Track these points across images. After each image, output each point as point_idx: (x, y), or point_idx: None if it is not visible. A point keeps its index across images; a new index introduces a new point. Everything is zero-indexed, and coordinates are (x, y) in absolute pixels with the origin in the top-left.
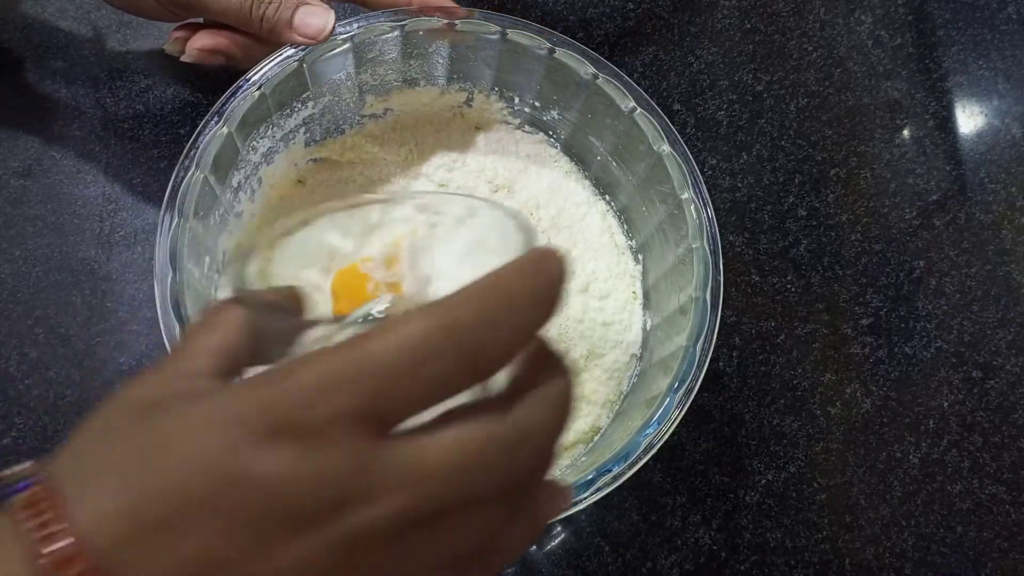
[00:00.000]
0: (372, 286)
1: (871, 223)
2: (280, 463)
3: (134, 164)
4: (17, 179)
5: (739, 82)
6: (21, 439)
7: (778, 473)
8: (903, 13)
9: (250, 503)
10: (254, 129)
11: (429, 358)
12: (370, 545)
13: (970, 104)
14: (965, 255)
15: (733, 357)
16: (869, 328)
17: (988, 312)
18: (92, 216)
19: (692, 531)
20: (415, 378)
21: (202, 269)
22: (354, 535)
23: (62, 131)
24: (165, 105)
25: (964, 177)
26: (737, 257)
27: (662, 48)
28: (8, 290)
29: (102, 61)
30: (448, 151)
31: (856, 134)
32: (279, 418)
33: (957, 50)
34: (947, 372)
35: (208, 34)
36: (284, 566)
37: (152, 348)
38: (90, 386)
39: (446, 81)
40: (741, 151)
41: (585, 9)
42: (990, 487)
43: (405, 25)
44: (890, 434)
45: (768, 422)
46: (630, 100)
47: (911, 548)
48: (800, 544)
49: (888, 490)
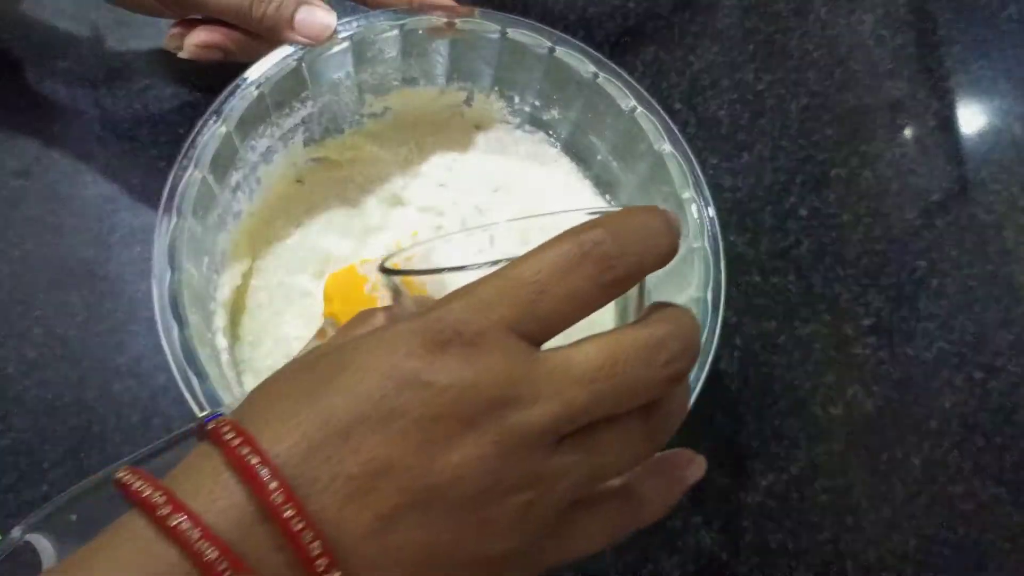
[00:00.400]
0: (369, 287)
1: (873, 223)
2: (448, 368)
3: (133, 164)
4: (16, 179)
5: (740, 81)
6: (20, 439)
7: (779, 474)
8: (904, 13)
9: (422, 405)
10: (253, 128)
11: (570, 272)
12: (528, 446)
13: (972, 104)
14: (967, 255)
15: (734, 358)
16: (871, 328)
17: (990, 312)
18: (91, 216)
19: (693, 532)
20: (559, 290)
21: (200, 269)
22: (514, 434)
23: (60, 131)
24: (164, 104)
25: (966, 177)
26: (738, 257)
27: (663, 47)
28: (6, 290)
29: (100, 61)
30: (448, 150)
31: (857, 134)
32: (445, 332)
33: (959, 50)
34: (949, 373)
35: (206, 30)
36: (454, 463)
37: (151, 348)
38: (89, 386)
39: (446, 80)
40: (742, 151)
41: (585, 8)
42: (992, 488)
43: (405, 24)
44: (892, 435)
45: (769, 423)
46: (631, 99)
47: (913, 549)
48: (802, 545)
49: (890, 491)
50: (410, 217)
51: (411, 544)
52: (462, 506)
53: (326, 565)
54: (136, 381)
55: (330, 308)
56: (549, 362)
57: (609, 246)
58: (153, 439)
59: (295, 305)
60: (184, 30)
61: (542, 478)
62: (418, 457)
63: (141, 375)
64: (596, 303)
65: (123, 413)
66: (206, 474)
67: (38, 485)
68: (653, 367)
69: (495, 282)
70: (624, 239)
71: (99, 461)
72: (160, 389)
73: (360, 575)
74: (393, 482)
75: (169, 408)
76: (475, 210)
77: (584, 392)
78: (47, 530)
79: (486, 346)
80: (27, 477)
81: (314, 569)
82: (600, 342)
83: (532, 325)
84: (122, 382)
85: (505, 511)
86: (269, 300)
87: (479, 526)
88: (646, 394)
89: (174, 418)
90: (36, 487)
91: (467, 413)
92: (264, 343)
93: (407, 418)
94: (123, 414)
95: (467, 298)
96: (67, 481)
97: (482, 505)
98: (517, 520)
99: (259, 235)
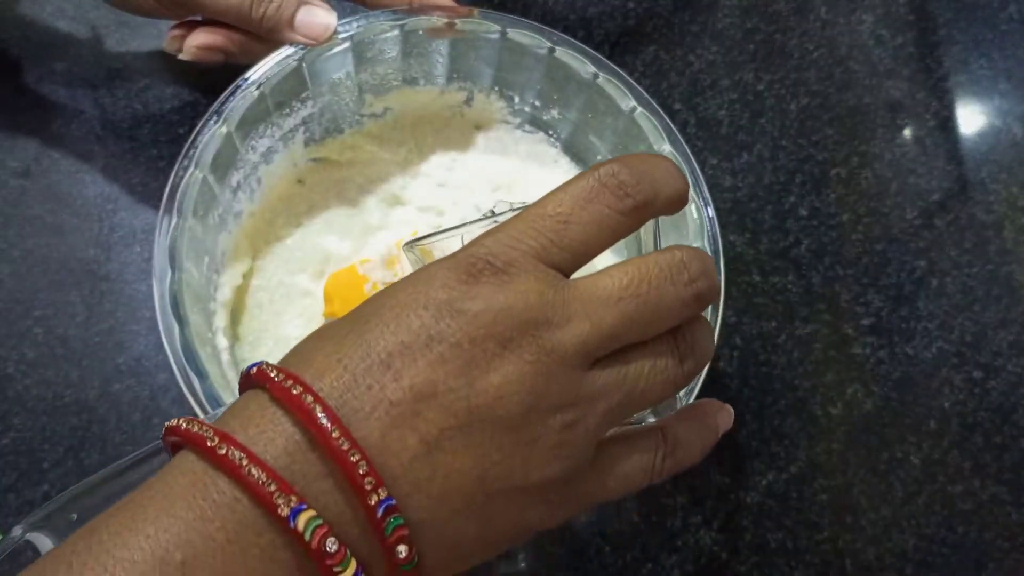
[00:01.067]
0: (369, 287)
1: (872, 223)
2: (482, 295)
3: (133, 164)
4: (16, 179)
5: (740, 81)
6: (20, 439)
7: (779, 474)
8: (904, 12)
9: (460, 330)
10: (253, 128)
11: (590, 201)
12: (564, 365)
13: (971, 104)
14: (967, 255)
15: (734, 357)
16: (870, 328)
17: (990, 312)
18: (91, 216)
19: (693, 532)
20: (582, 218)
21: (201, 269)
22: (550, 352)
23: (61, 131)
24: (164, 105)
25: (965, 177)
26: (738, 257)
27: (663, 47)
28: (6, 290)
29: (100, 61)
30: (448, 150)
31: (857, 133)
32: (478, 263)
33: (958, 50)
34: (948, 372)
35: (206, 31)
36: (496, 383)
37: (151, 348)
38: (89, 386)
39: (446, 80)
40: (742, 150)
41: (585, 8)
42: (991, 488)
43: (405, 24)
44: (891, 434)
45: (769, 423)
46: (630, 99)
47: (912, 549)
48: (801, 545)
49: (889, 491)
50: (410, 217)
51: (458, 467)
52: (506, 426)
53: (373, 485)
54: (136, 381)
55: (330, 308)
56: (578, 287)
57: (626, 176)
58: (153, 439)
59: (295, 305)
60: (184, 32)
61: (580, 398)
62: (459, 380)
63: (141, 375)
64: (618, 231)
65: (123, 413)
66: (253, 410)
67: (38, 485)
68: (677, 285)
69: (522, 218)
70: (639, 172)
71: (99, 461)
72: (160, 389)
73: (408, 499)
74: (436, 406)
75: (169, 408)
76: (475, 210)
77: (613, 312)
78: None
79: (517, 273)
80: (27, 477)
81: (362, 489)
82: (625, 266)
83: (559, 254)
84: (122, 382)
85: (547, 431)
86: (269, 300)
87: (524, 447)
88: (671, 315)
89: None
90: (36, 487)
91: (503, 335)
92: (264, 343)
93: (445, 343)
94: (123, 414)
95: (496, 234)
96: (67, 481)
97: (525, 425)
98: (559, 443)
99: (259, 235)
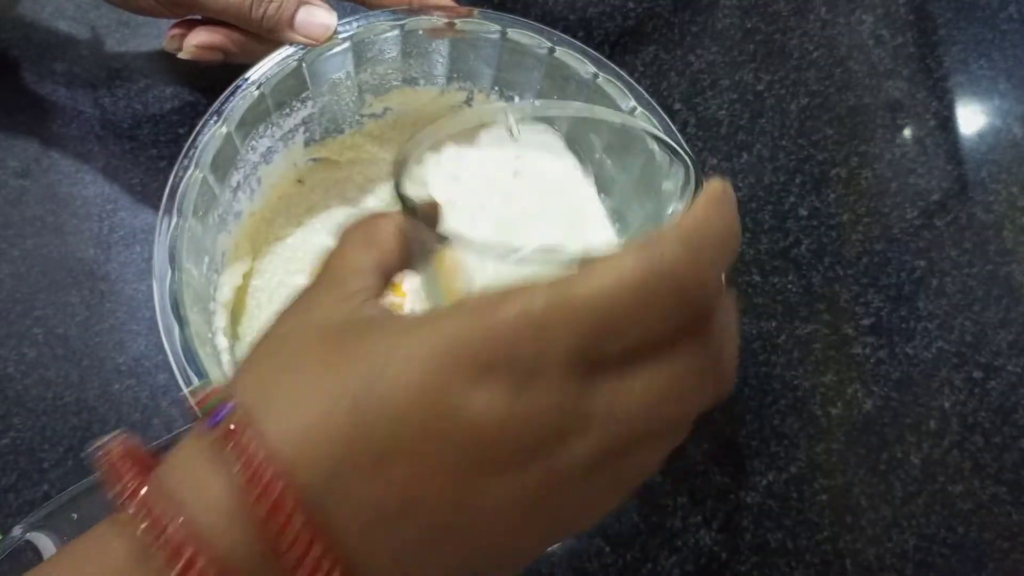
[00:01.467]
0: None
1: (872, 223)
2: (492, 402)
3: (133, 164)
4: (16, 179)
5: (740, 81)
6: (20, 439)
7: (779, 474)
8: (904, 12)
9: (459, 443)
10: (253, 128)
11: (648, 301)
12: (568, 482)
13: (971, 104)
14: (966, 255)
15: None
16: (870, 328)
17: (989, 312)
18: (91, 216)
19: (693, 532)
20: (634, 320)
21: (201, 269)
22: (555, 474)
23: (61, 131)
24: (164, 105)
25: (965, 177)
26: (738, 257)
27: (663, 47)
28: (6, 290)
29: (100, 61)
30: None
31: (857, 134)
32: (493, 355)
33: (958, 50)
34: (948, 372)
35: (205, 31)
36: (487, 507)
37: (151, 348)
38: (89, 386)
39: (446, 80)
40: (742, 151)
41: (585, 8)
42: (991, 488)
43: (405, 24)
44: (891, 434)
45: (769, 423)
46: (630, 99)
47: (912, 549)
48: (801, 545)
49: (889, 491)
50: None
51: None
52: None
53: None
54: (136, 381)
55: None
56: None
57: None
58: (153, 439)
59: None
60: (184, 31)
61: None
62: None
63: (141, 375)
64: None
65: (123, 413)
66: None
67: (38, 485)
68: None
69: (563, 294)
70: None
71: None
72: (160, 389)
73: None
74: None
75: (169, 408)
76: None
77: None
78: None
79: (537, 377)
80: (27, 477)
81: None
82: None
83: (599, 349)
84: (122, 382)
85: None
86: (269, 300)
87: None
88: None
89: (174, 418)
90: (36, 487)
91: (506, 454)
92: None
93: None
94: (123, 414)
95: (523, 315)
96: (67, 481)
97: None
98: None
99: (259, 235)
